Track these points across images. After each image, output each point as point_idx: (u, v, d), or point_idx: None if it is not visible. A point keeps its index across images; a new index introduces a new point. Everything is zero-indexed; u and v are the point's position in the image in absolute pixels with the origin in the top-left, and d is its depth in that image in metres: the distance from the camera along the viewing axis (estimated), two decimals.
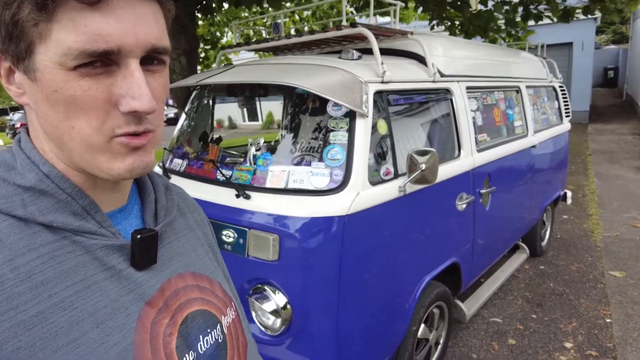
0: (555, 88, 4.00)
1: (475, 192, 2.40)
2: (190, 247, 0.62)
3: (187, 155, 2.19)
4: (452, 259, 2.27)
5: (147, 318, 0.50)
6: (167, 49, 0.47)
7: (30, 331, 0.41)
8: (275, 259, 1.60)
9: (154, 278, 0.53)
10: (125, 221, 0.55)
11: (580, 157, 7.97)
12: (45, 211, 0.45)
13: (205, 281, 0.61)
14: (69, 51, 0.40)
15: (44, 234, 0.45)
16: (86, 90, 0.42)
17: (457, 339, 2.74)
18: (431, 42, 2.24)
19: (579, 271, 3.59)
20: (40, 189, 0.46)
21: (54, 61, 0.41)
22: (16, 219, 0.44)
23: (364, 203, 1.64)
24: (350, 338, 1.68)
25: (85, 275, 0.46)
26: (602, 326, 2.80)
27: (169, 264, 0.56)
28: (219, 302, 0.61)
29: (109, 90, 0.43)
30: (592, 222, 4.70)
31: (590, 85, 11.85)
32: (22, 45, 0.42)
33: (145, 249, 0.51)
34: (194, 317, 0.56)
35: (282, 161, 1.78)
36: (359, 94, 1.65)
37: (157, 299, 0.52)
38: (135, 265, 0.51)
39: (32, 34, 0.41)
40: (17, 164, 0.47)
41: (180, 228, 0.62)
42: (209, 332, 0.57)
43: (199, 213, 0.70)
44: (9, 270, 0.41)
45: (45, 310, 0.42)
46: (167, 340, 0.51)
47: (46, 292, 0.43)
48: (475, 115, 2.52)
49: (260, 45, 2.24)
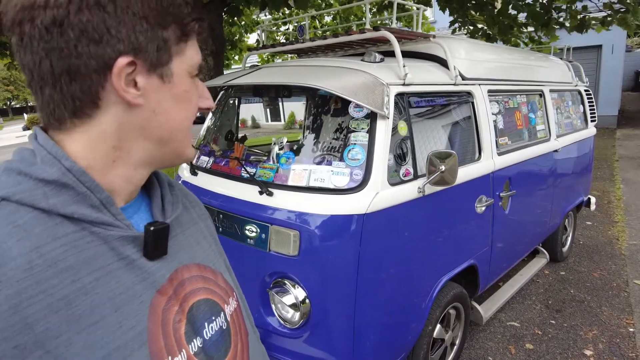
0: (581, 92, 3.93)
1: (495, 195, 2.40)
2: (194, 240, 0.66)
3: (213, 152, 2.28)
4: (470, 261, 2.28)
5: (158, 305, 0.54)
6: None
7: (57, 313, 0.44)
8: (296, 254, 1.65)
9: (164, 268, 0.57)
10: (135, 215, 0.59)
11: (607, 162, 7.75)
12: (66, 203, 0.48)
13: (209, 272, 0.65)
14: (194, 63, 0.58)
15: (65, 225, 0.48)
16: (195, 91, 0.59)
17: (474, 341, 2.74)
18: (453, 45, 2.26)
19: (601, 278, 3.53)
20: (63, 182, 0.49)
21: (185, 70, 0.57)
22: (40, 211, 0.47)
23: (383, 203, 1.68)
24: (367, 334, 1.73)
25: (103, 263, 0.50)
26: (624, 335, 2.75)
27: (176, 256, 0.60)
28: (222, 291, 0.65)
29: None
30: (618, 229, 4.59)
31: (619, 89, 11.50)
32: (165, 56, 0.54)
33: (157, 240, 0.56)
34: (199, 306, 0.60)
35: (304, 160, 1.84)
36: (381, 95, 1.70)
37: (167, 287, 0.56)
38: (147, 255, 0.55)
39: (173, 50, 0.55)
40: (37, 159, 0.50)
41: (186, 222, 0.67)
42: (213, 320, 0.61)
43: (200, 207, 0.75)
44: (37, 257, 0.44)
45: (69, 294, 0.46)
46: (176, 327, 0.55)
47: (70, 277, 0.46)
48: (497, 118, 2.52)
49: (286, 47, 2.30)
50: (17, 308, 0.42)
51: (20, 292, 0.42)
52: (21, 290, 0.43)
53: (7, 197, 0.46)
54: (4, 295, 0.42)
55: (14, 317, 0.42)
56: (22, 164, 0.50)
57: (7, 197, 0.46)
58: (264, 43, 2.64)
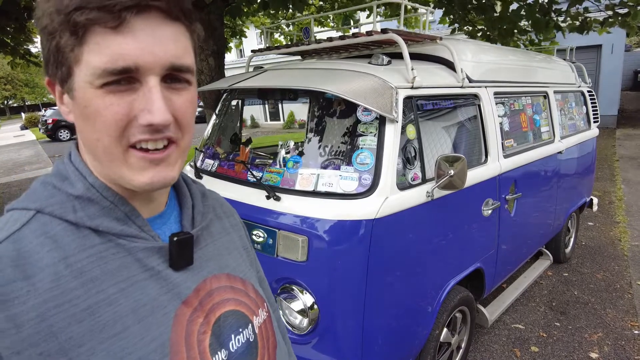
0: (584, 93, 3.92)
1: (501, 198, 2.39)
2: (225, 250, 0.65)
3: (217, 155, 2.26)
4: (476, 264, 2.27)
5: (183, 316, 0.53)
6: (189, 67, 0.51)
7: (80, 323, 0.45)
8: (304, 259, 1.64)
9: (190, 279, 0.56)
10: (164, 226, 0.59)
11: (607, 162, 7.76)
12: (92, 216, 0.50)
13: (239, 282, 0.64)
14: (94, 71, 0.45)
15: (92, 237, 0.50)
16: (108, 106, 0.46)
17: (479, 343, 2.73)
18: (460, 47, 2.25)
19: (604, 280, 3.52)
20: (88, 197, 0.51)
21: (84, 81, 0.46)
22: (68, 223, 0.49)
23: (392, 207, 1.66)
24: (375, 339, 1.71)
25: (128, 275, 0.50)
26: (629, 338, 2.74)
27: (205, 266, 0.60)
28: (251, 302, 0.64)
29: (130, 106, 0.47)
30: (619, 229, 4.59)
31: (619, 88, 11.51)
32: (64, 69, 0.47)
33: (181, 250, 0.56)
34: (227, 317, 0.59)
35: (311, 164, 1.82)
36: (389, 99, 1.68)
37: (193, 298, 0.55)
38: (172, 266, 0.55)
39: (70, 59, 0.46)
40: (69, 175, 0.53)
41: (217, 231, 0.66)
42: (240, 332, 0.60)
43: (234, 217, 0.74)
44: (64, 268, 0.47)
45: (93, 305, 0.47)
46: (200, 338, 0.54)
47: (95, 288, 0.47)
48: (503, 120, 2.51)
49: (291, 49, 2.28)
50: (43, 316, 0.44)
51: (47, 301, 0.44)
52: (48, 300, 0.45)
53: (42, 209, 0.50)
54: (31, 304, 0.43)
55: (41, 325, 0.43)
56: (56, 178, 0.53)
57: (42, 209, 0.50)
58: (267, 44, 2.62)
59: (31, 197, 0.51)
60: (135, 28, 0.45)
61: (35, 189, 0.52)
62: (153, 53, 0.46)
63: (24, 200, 0.51)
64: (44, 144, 16.71)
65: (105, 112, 0.46)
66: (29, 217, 0.49)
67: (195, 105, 0.54)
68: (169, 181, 0.52)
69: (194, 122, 0.55)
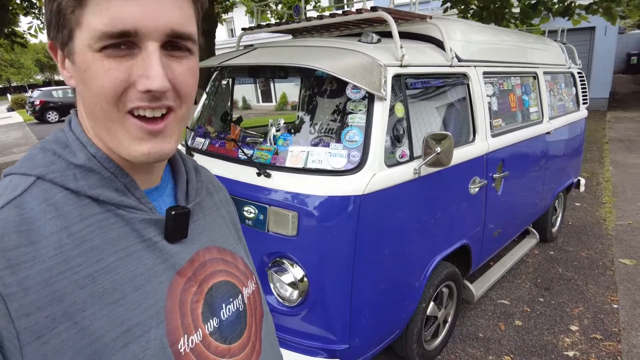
0: (574, 74, 3.95)
1: (488, 176, 2.44)
2: (215, 224, 0.68)
3: (208, 134, 2.27)
4: (463, 240, 2.33)
5: (177, 286, 0.56)
6: (191, 35, 0.50)
7: (83, 289, 0.47)
8: (294, 234, 1.68)
9: (184, 251, 0.58)
10: (160, 199, 0.61)
11: (597, 144, 7.86)
12: (93, 186, 0.51)
13: (229, 255, 0.67)
14: (94, 33, 0.45)
15: (92, 206, 0.51)
16: (107, 70, 0.46)
17: (465, 318, 2.82)
18: (450, 26, 2.26)
19: (588, 258, 3.63)
20: (89, 167, 0.52)
21: (84, 44, 0.46)
22: (69, 191, 0.50)
23: (380, 184, 1.70)
24: (363, 311, 1.77)
25: (126, 244, 0.52)
26: (608, 311, 2.85)
27: (197, 238, 0.62)
28: (241, 274, 0.67)
29: (129, 72, 0.46)
30: (605, 210, 4.69)
31: (611, 71, 11.54)
32: (65, 31, 0.47)
33: (177, 224, 0.57)
34: (219, 287, 0.61)
35: (301, 142, 1.85)
36: (378, 77, 1.70)
37: (187, 269, 0.58)
38: (168, 238, 0.57)
39: (71, 21, 0.46)
40: (70, 143, 0.53)
41: (208, 206, 0.68)
42: (231, 301, 0.63)
43: (223, 193, 0.77)
44: (66, 236, 0.48)
45: (94, 272, 0.48)
46: (193, 307, 0.57)
47: (95, 257, 0.49)
48: (491, 100, 2.54)
49: (282, 27, 2.28)
50: (48, 282, 0.45)
51: (51, 268, 0.46)
52: (52, 266, 0.46)
53: (42, 176, 0.50)
54: (37, 269, 0.45)
55: (46, 289, 0.45)
56: (57, 145, 0.53)
57: (42, 175, 0.50)
58: (258, 22, 2.61)
59: (31, 162, 0.51)
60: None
61: (33, 155, 0.52)
62: (154, 18, 0.45)
63: (22, 166, 0.51)
64: (32, 125, 16.46)
65: (104, 76, 0.46)
66: (30, 183, 0.49)
67: (197, 76, 0.53)
68: (167, 153, 0.52)
69: (194, 92, 0.54)
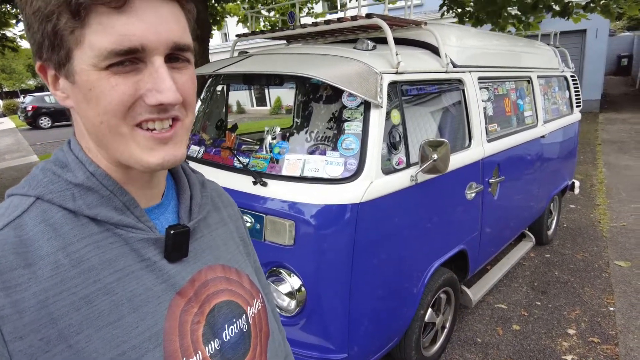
0: (567, 78, 3.98)
1: (485, 181, 2.44)
2: (221, 241, 0.66)
3: (203, 142, 2.25)
4: (460, 246, 2.32)
5: (177, 307, 0.55)
6: (189, 46, 0.51)
7: (78, 311, 0.46)
8: (291, 243, 1.66)
9: (185, 270, 0.57)
10: (162, 216, 0.60)
11: (590, 146, 7.92)
12: (91, 205, 0.51)
13: (234, 273, 0.65)
14: (100, 52, 0.45)
15: (90, 226, 0.51)
16: (114, 86, 0.46)
17: (463, 323, 2.82)
18: (444, 32, 2.26)
19: (584, 260, 3.64)
20: (87, 185, 0.51)
21: (88, 63, 0.46)
22: (67, 211, 0.50)
23: (377, 192, 1.69)
24: (361, 320, 1.76)
25: (125, 264, 0.51)
26: (605, 314, 2.86)
27: (200, 257, 0.60)
28: (246, 293, 0.65)
29: (136, 86, 0.47)
30: (600, 212, 4.72)
31: (602, 73, 11.67)
32: (62, 52, 0.47)
33: (177, 243, 0.56)
34: (221, 308, 0.60)
35: (297, 150, 1.83)
36: (374, 84, 1.69)
37: (187, 289, 0.56)
38: (168, 258, 0.56)
39: (69, 41, 0.46)
40: (69, 162, 0.53)
41: (214, 222, 0.67)
42: (234, 322, 0.61)
43: (232, 208, 0.75)
44: (63, 257, 0.47)
45: (91, 294, 0.48)
46: (194, 328, 0.55)
47: (92, 277, 0.48)
48: (486, 105, 2.54)
49: (276, 33, 2.27)
50: (44, 304, 0.45)
51: (47, 290, 0.45)
52: (48, 288, 0.46)
53: (41, 196, 0.50)
54: (32, 291, 0.45)
55: (41, 311, 0.44)
56: (56, 165, 0.53)
57: (41, 196, 0.50)
58: (252, 29, 2.60)
59: (31, 183, 0.51)
60: (138, 7, 0.45)
61: (35, 175, 0.53)
62: (157, 33, 0.46)
63: (24, 186, 0.51)
64: (24, 131, 16.31)
65: (111, 93, 0.46)
66: (29, 204, 0.49)
67: (196, 84, 0.54)
68: (179, 159, 0.52)
69: (196, 100, 0.55)
